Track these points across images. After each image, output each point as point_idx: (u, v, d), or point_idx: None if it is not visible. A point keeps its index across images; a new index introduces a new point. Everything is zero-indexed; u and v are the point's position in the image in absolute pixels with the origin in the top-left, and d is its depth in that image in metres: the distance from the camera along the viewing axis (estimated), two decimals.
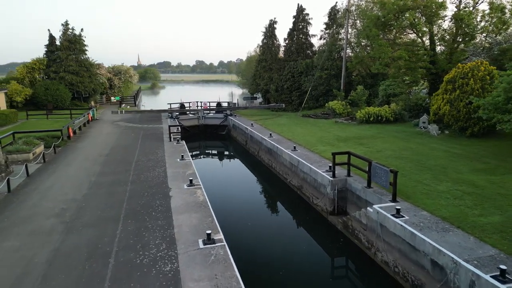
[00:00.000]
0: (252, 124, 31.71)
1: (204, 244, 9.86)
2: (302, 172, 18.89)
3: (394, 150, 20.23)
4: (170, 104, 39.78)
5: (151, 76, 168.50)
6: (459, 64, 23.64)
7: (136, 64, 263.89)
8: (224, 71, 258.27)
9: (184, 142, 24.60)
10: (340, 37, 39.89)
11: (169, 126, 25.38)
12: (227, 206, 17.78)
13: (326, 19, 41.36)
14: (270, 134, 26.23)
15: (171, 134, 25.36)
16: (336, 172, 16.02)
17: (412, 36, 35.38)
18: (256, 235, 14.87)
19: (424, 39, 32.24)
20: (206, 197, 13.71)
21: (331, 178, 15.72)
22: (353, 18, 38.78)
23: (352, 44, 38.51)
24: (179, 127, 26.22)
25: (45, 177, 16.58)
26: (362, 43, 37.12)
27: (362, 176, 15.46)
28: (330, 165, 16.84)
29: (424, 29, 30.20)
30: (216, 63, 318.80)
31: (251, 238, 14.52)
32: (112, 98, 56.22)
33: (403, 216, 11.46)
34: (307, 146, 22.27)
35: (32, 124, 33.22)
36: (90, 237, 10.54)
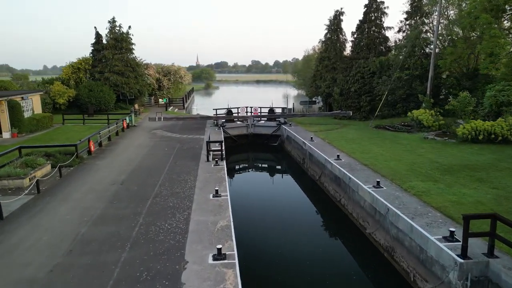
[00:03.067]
0: (311, 137, 25.31)
1: None
2: (394, 228, 12.26)
3: None
4: (216, 110, 34.70)
5: (206, 76, 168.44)
6: None
7: (195, 64, 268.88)
8: (279, 71, 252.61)
9: (224, 163, 19.02)
10: (425, 28, 31.94)
11: (207, 143, 19.92)
12: None
13: (406, 7, 33.55)
14: (338, 155, 19.69)
15: (210, 152, 19.94)
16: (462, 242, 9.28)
17: None
18: None
19: None
20: None
21: (461, 260, 8.98)
22: (444, 4, 30.62)
23: (444, 36, 30.34)
24: (221, 143, 20.69)
25: (22, 222, 11.79)
26: (458, 35, 28.91)
27: None
28: (450, 228, 10.15)
29: None
30: (271, 63, 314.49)
31: None
32: (160, 99, 52.98)
33: None
34: (394, 179, 15.46)
35: (67, 130, 30.01)
36: None
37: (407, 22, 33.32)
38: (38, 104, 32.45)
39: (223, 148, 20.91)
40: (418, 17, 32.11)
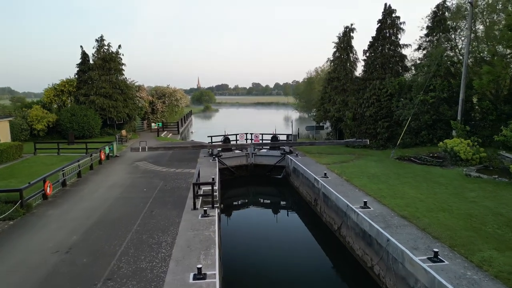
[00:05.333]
0: (325, 173, 20.77)
1: None
2: None
3: None
4: (211, 137, 30.40)
5: (206, 98, 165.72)
6: None
7: (196, 87, 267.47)
8: (280, 93, 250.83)
9: (216, 212, 14.47)
10: (449, 45, 28.05)
11: (194, 185, 15.36)
12: None
13: (426, 22, 29.85)
14: (365, 202, 15.11)
15: (198, 197, 15.42)
16: None
17: None
18: None
19: None
20: None
21: None
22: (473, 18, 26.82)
23: (474, 54, 26.34)
24: (213, 185, 16.19)
25: None
26: (492, 53, 24.88)
27: None
28: None
29: None
30: (272, 85, 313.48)
31: None
32: (153, 124, 48.85)
33: None
34: (455, 245, 10.86)
35: (36, 162, 25.59)
36: None
37: (428, 39, 29.52)
38: (6, 132, 28.22)
39: (216, 189, 16.47)
40: (441, 33, 28.29)
